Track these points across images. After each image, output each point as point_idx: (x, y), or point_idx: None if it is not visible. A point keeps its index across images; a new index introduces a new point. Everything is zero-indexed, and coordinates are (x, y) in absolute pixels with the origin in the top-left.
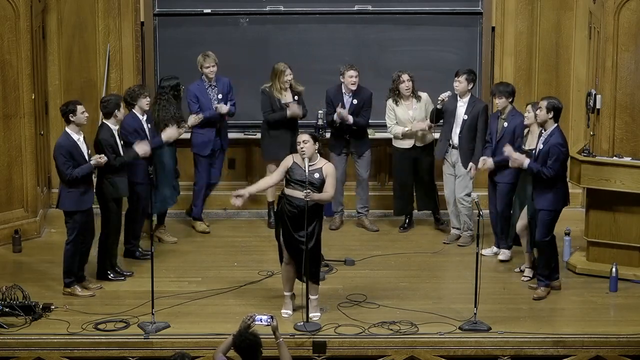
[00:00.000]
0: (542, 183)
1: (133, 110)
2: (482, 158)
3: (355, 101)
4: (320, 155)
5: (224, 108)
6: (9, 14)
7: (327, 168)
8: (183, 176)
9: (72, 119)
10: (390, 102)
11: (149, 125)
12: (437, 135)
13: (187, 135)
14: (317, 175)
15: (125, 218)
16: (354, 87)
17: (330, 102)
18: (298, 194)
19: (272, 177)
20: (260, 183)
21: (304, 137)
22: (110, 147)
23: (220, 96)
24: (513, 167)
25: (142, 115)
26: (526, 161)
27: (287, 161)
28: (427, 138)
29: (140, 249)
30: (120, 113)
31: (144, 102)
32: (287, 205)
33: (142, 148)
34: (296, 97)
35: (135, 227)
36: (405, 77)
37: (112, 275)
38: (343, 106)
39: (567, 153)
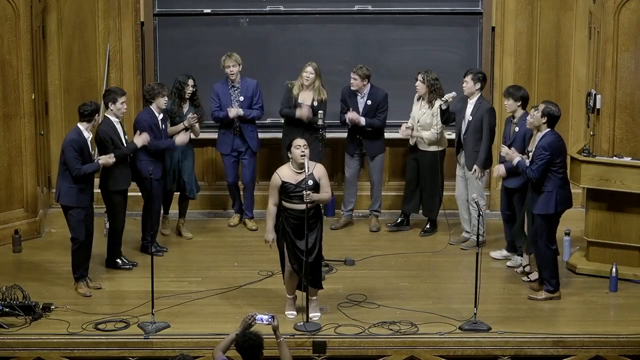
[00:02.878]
0: (534, 187)
1: (150, 107)
2: (496, 167)
3: (369, 102)
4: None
5: (232, 112)
6: (9, 14)
7: (318, 170)
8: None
9: (96, 117)
10: (416, 94)
11: (163, 125)
12: (449, 137)
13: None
14: (310, 182)
15: (142, 215)
16: (354, 88)
17: (344, 101)
18: (296, 206)
19: (273, 206)
20: (270, 216)
21: (302, 142)
22: (110, 139)
23: (242, 98)
24: (507, 160)
25: (159, 114)
26: (516, 158)
27: (276, 182)
28: (429, 143)
29: (157, 244)
30: (115, 107)
31: (162, 102)
32: (289, 218)
33: (141, 139)
34: (315, 103)
35: (149, 223)
36: (419, 76)
37: (120, 263)
38: (355, 108)
39: (551, 157)
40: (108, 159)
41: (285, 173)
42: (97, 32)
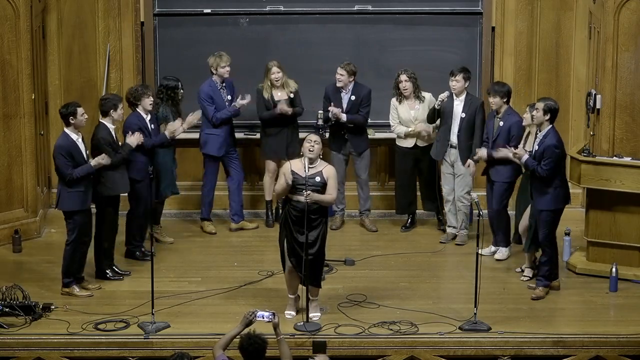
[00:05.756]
0: (540, 183)
1: (137, 110)
2: (479, 150)
3: (353, 97)
4: (322, 154)
5: (242, 101)
6: (9, 14)
7: (327, 171)
8: (186, 177)
9: (72, 121)
10: (393, 100)
11: (152, 126)
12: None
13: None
14: (318, 179)
15: (127, 218)
16: (339, 84)
17: (327, 98)
18: (301, 198)
19: (281, 184)
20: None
21: (315, 138)
22: (110, 145)
23: (229, 97)
24: (513, 160)
25: (146, 115)
26: (525, 156)
27: (286, 168)
28: (429, 138)
29: (143, 249)
30: (117, 113)
31: (147, 102)
32: (292, 209)
33: (135, 138)
34: (292, 95)
35: (136, 227)
36: (403, 77)
37: (110, 274)
38: (339, 104)
39: (561, 154)
40: (100, 160)
41: (296, 165)
42: (97, 32)
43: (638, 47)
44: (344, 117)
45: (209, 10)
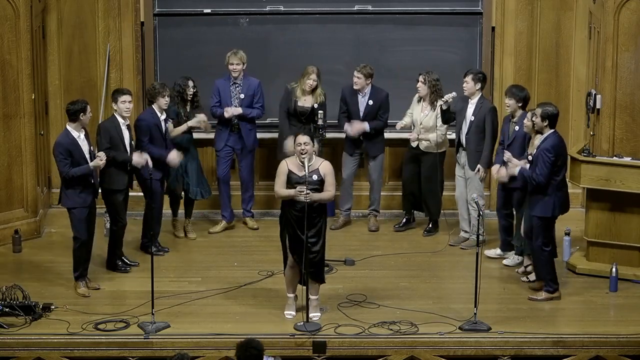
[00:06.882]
0: (535, 189)
1: (152, 107)
2: (494, 167)
3: (370, 102)
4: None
5: (228, 112)
6: (9, 14)
7: (324, 167)
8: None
9: (82, 117)
10: (416, 96)
11: (166, 125)
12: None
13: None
14: (315, 177)
15: (144, 213)
16: (356, 87)
17: (344, 100)
18: (301, 198)
19: (280, 188)
20: (283, 192)
21: (304, 139)
22: (109, 137)
23: (242, 96)
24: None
25: (161, 114)
26: (517, 168)
27: (283, 168)
28: (431, 145)
29: (159, 245)
30: (118, 106)
31: (162, 102)
32: (292, 210)
33: (137, 159)
34: (315, 105)
35: (151, 223)
36: (420, 78)
37: (120, 264)
38: (356, 107)
39: (554, 159)
40: (99, 161)
41: (292, 163)
42: (97, 32)
43: (638, 47)
44: (367, 127)
45: (209, 10)
